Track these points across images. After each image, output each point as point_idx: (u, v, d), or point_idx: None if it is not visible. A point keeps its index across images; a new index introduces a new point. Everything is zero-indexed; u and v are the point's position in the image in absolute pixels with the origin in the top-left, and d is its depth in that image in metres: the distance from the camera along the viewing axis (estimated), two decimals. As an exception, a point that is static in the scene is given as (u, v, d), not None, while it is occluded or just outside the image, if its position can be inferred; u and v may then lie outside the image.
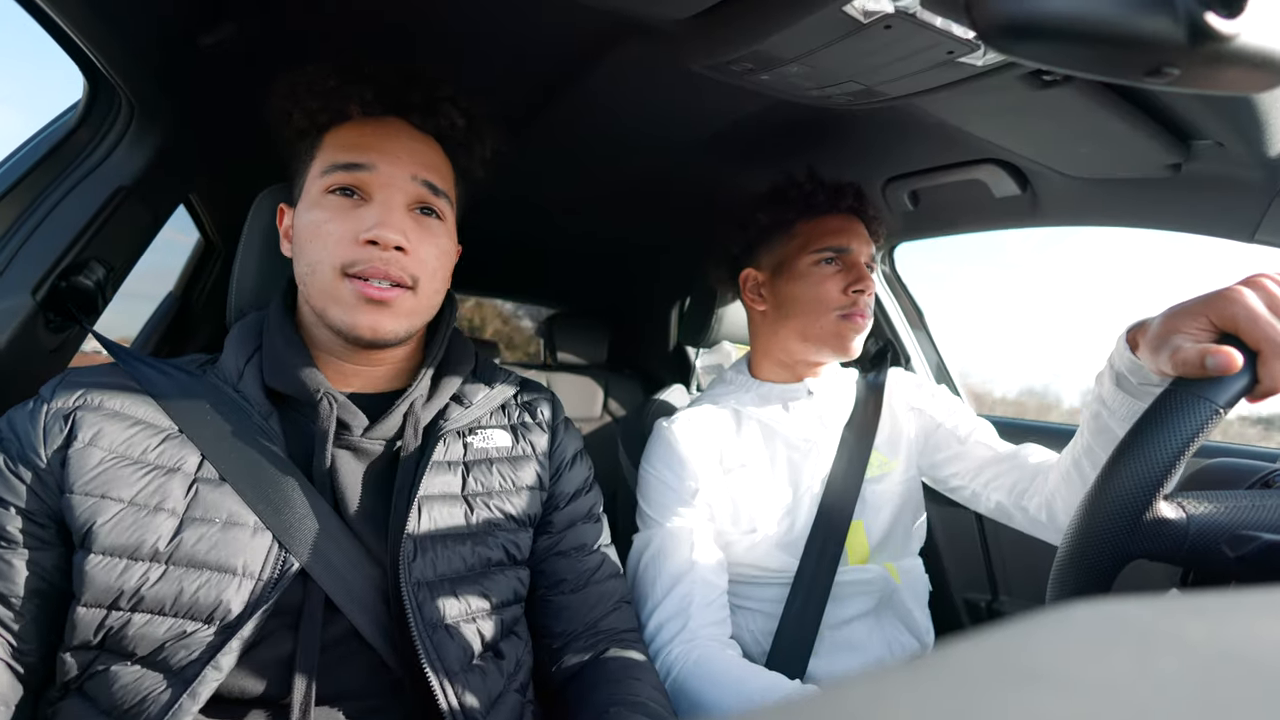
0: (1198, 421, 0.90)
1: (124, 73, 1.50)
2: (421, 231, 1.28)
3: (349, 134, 1.29)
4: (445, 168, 1.37)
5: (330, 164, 1.26)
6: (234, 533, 1.11)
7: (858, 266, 1.78)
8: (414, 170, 1.28)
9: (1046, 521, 1.59)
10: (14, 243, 1.48)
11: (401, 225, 1.23)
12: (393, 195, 1.25)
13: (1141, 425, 0.93)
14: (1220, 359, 0.90)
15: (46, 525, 1.11)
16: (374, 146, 1.27)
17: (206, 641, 1.05)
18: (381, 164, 1.25)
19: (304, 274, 1.25)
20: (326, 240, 1.22)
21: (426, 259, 1.28)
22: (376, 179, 1.25)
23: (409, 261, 1.24)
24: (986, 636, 0.30)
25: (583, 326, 3.62)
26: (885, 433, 1.94)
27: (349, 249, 1.21)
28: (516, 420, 1.49)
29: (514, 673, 1.29)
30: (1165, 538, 0.93)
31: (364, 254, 1.20)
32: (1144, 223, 1.80)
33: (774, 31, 1.22)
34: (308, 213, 1.26)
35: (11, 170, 1.52)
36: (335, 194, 1.25)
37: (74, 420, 1.13)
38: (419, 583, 1.18)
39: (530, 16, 1.41)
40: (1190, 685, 0.25)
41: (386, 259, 1.21)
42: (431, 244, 1.29)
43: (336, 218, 1.23)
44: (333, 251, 1.21)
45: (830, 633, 1.73)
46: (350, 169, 1.24)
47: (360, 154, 1.26)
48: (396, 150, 1.28)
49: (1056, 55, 0.73)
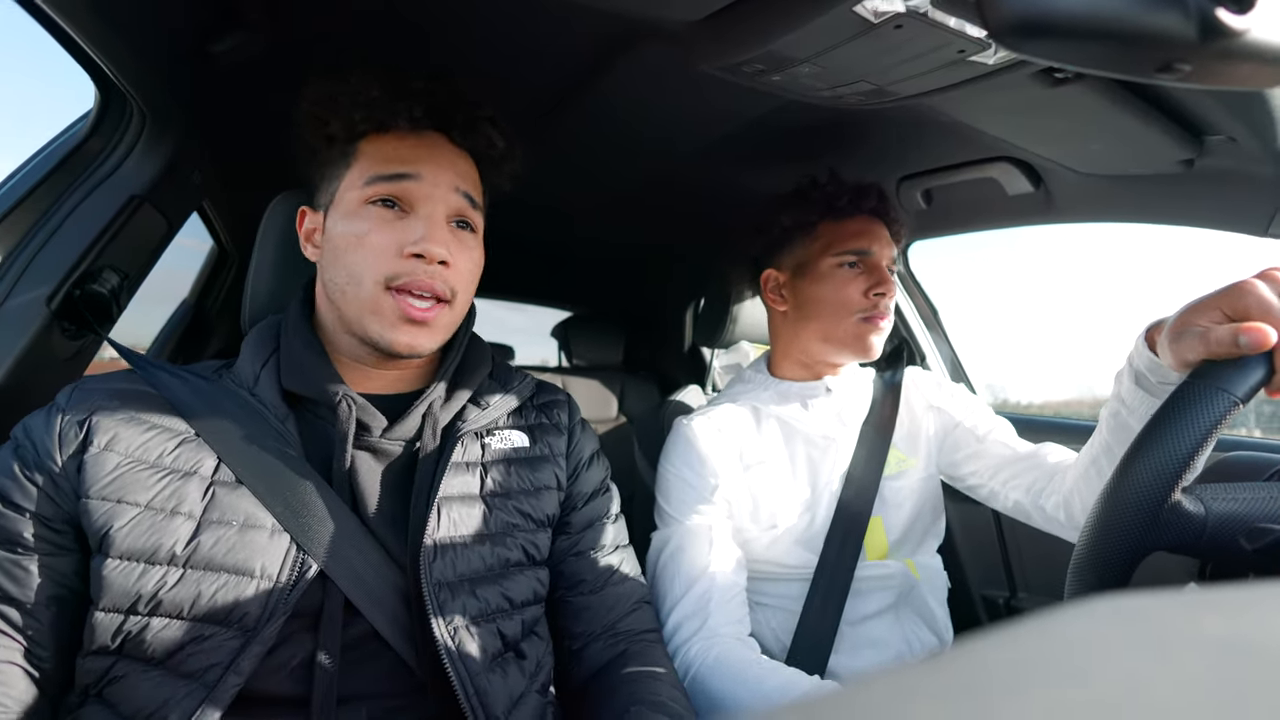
0: (1216, 413, 0.90)
1: (135, 81, 1.50)
2: (459, 245, 1.29)
3: (390, 145, 1.29)
4: (479, 183, 1.38)
5: (373, 174, 1.26)
6: (251, 535, 1.11)
7: (879, 269, 1.78)
8: (456, 182, 1.29)
9: (1064, 520, 1.59)
10: (28, 252, 1.48)
11: (445, 239, 1.24)
12: (435, 208, 1.26)
13: (1160, 417, 0.93)
14: (1254, 336, 0.90)
15: (63, 531, 1.11)
16: (419, 158, 1.28)
17: (226, 645, 1.05)
18: (427, 174, 1.26)
19: (342, 283, 1.25)
20: (369, 251, 1.22)
21: (464, 271, 1.29)
22: (420, 190, 1.26)
23: (450, 275, 1.25)
24: (1005, 633, 0.30)
25: (598, 329, 3.62)
26: (904, 430, 1.94)
27: (393, 262, 1.21)
28: (534, 422, 1.49)
29: (535, 673, 1.29)
30: (1184, 529, 0.93)
31: (408, 267, 1.21)
32: (1157, 219, 1.79)
33: (785, 32, 1.22)
34: (346, 222, 1.26)
35: (24, 180, 1.52)
36: (376, 205, 1.25)
37: (90, 426, 1.13)
38: (440, 583, 1.19)
39: (542, 20, 1.41)
40: (1209, 679, 0.25)
41: (431, 272, 1.22)
42: (468, 257, 1.31)
43: (379, 229, 1.23)
44: (376, 264, 1.22)
45: (850, 629, 1.73)
46: (395, 179, 1.25)
47: (405, 165, 1.26)
48: (440, 162, 1.29)
49: (1068, 53, 0.73)
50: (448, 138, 1.34)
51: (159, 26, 1.39)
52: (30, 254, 1.48)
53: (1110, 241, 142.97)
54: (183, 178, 1.82)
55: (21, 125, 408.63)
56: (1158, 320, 1.15)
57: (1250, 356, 0.91)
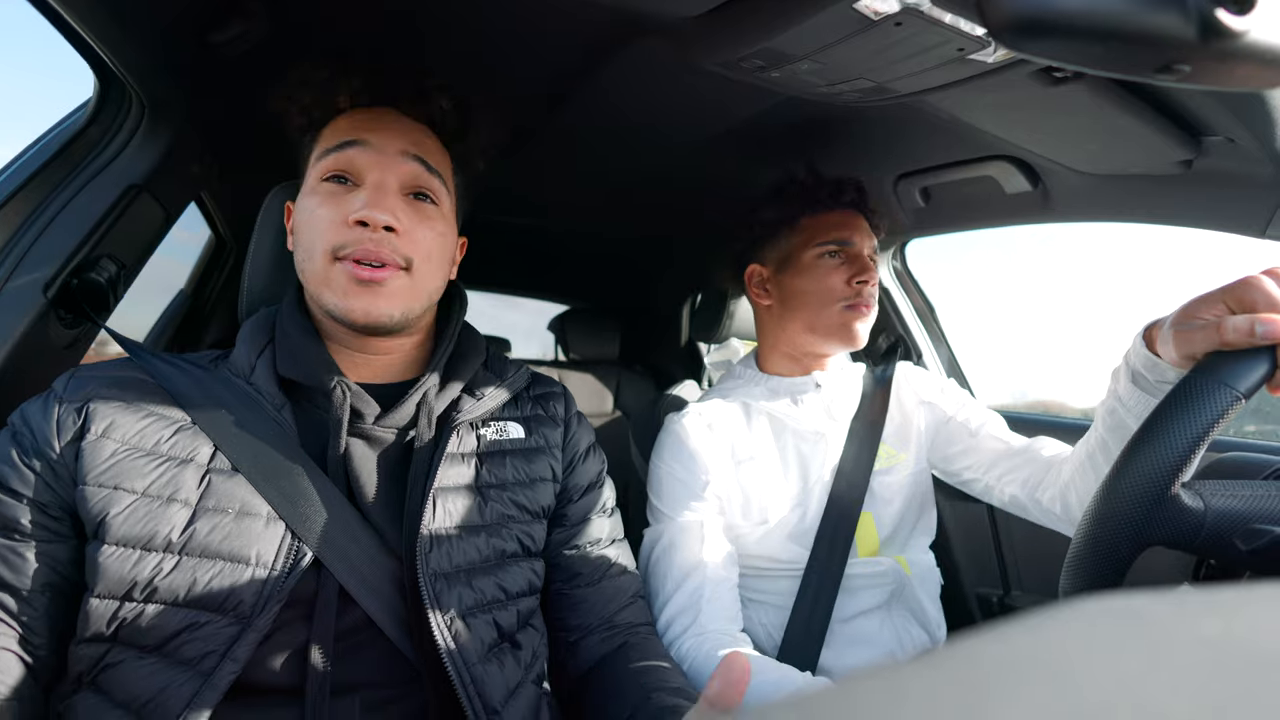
0: (1218, 408, 0.90)
1: (134, 71, 1.50)
2: (415, 215, 1.28)
3: (342, 122, 1.31)
4: (439, 153, 1.37)
5: (323, 149, 1.28)
6: (247, 523, 1.11)
7: (861, 258, 1.80)
8: (404, 146, 1.29)
9: (1061, 513, 1.59)
10: (26, 240, 1.48)
11: (392, 206, 1.24)
12: (384, 177, 1.26)
13: (1162, 410, 0.94)
14: (1272, 326, 0.91)
15: (60, 518, 1.11)
16: (366, 127, 1.29)
17: (222, 633, 1.05)
18: (372, 139, 1.27)
19: (301, 262, 1.27)
20: (318, 225, 1.23)
21: (420, 240, 1.28)
22: (366, 156, 1.26)
23: (401, 242, 1.24)
24: (998, 631, 0.30)
25: (594, 323, 3.62)
26: (894, 425, 1.95)
27: (338, 231, 1.21)
28: (529, 413, 1.50)
29: (531, 664, 1.29)
30: (1182, 524, 0.93)
31: (353, 235, 1.21)
32: (1155, 219, 1.79)
33: (784, 28, 1.22)
34: (303, 201, 1.28)
35: (23, 169, 1.52)
36: (329, 181, 1.26)
37: (87, 413, 1.13)
38: (436, 574, 1.19)
39: (541, 15, 1.41)
40: (1202, 680, 0.25)
41: (377, 239, 1.21)
42: (426, 227, 1.29)
43: (328, 203, 1.24)
44: (323, 235, 1.22)
45: (841, 626, 1.74)
46: (342, 147, 1.26)
47: (352, 134, 1.28)
48: (388, 128, 1.30)
49: (1067, 52, 0.73)
50: (396, 109, 1.35)
51: (159, 16, 1.39)
52: (28, 242, 1.48)
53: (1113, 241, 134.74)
54: (181, 167, 1.81)
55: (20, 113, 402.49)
56: (1155, 319, 1.15)
57: (1254, 352, 0.92)
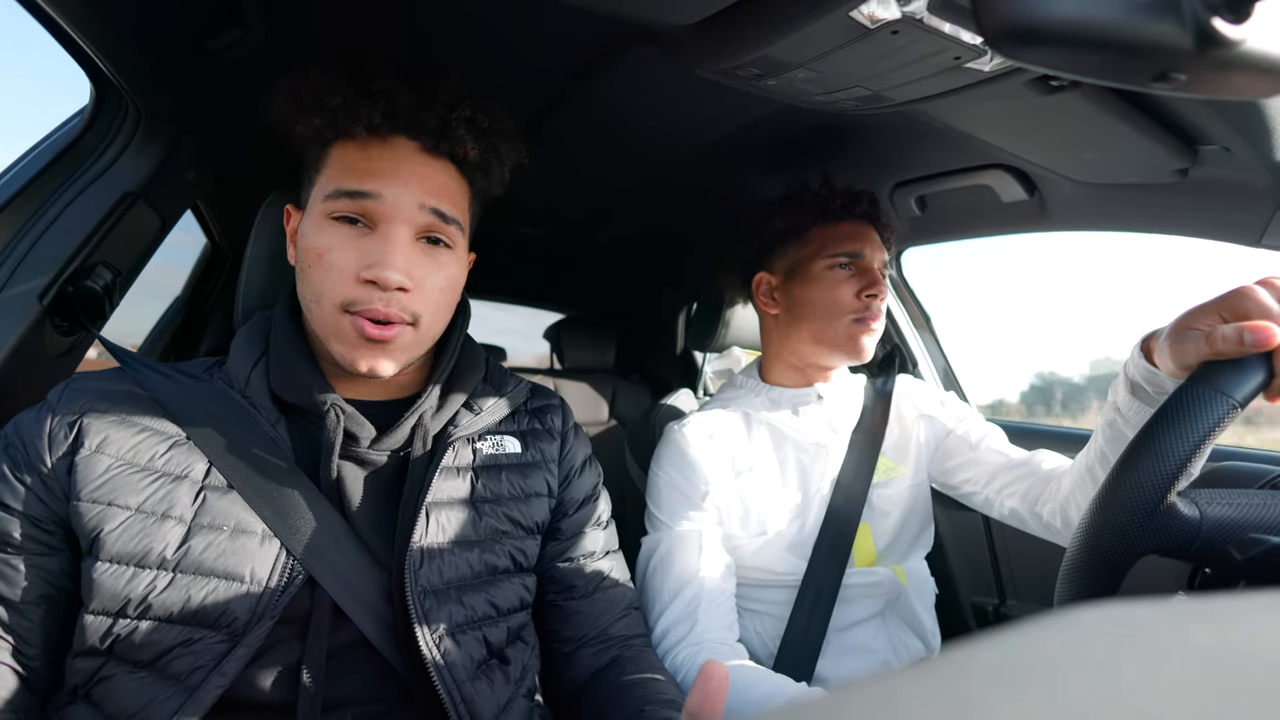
0: (1215, 417, 0.90)
1: (130, 78, 1.50)
2: (428, 263, 1.24)
3: (355, 155, 1.23)
4: (459, 192, 1.30)
5: (335, 189, 1.21)
6: (242, 540, 1.11)
7: (871, 272, 1.80)
8: (422, 198, 1.22)
9: (1061, 527, 1.59)
10: (21, 248, 1.48)
11: (406, 262, 1.19)
12: (397, 228, 1.20)
13: (1158, 419, 0.94)
14: (1260, 334, 0.91)
15: (53, 531, 1.11)
16: (380, 172, 1.21)
17: (213, 649, 1.05)
18: (388, 192, 1.20)
19: (308, 299, 1.23)
20: (328, 272, 1.19)
21: (430, 293, 1.24)
22: (382, 208, 1.20)
23: (410, 300, 1.21)
24: (993, 640, 0.30)
25: (590, 331, 3.62)
26: (893, 438, 1.95)
27: (349, 287, 1.18)
28: (526, 427, 1.49)
29: (521, 678, 1.29)
30: (1178, 532, 0.93)
31: (364, 294, 1.18)
32: (1151, 228, 1.80)
33: (781, 37, 1.22)
34: (312, 234, 1.22)
35: (18, 176, 1.52)
36: (338, 220, 1.20)
37: (80, 427, 1.13)
38: (425, 590, 1.18)
39: (538, 23, 1.41)
40: (1197, 689, 0.25)
41: (387, 299, 1.18)
42: (438, 275, 1.25)
43: (339, 247, 1.19)
44: (334, 287, 1.18)
45: (836, 635, 1.73)
46: (355, 197, 1.19)
47: (366, 180, 1.20)
48: (405, 176, 1.21)
49: (1063, 61, 0.73)
50: (419, 144, 1.25)
51: (155, 23, 1.39)
52: (24, 249, 1.48)
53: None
54: (177, 175, 1.81)
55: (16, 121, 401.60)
56: (1153, 330, 1.16)
57: (1250, 361, 0.92)
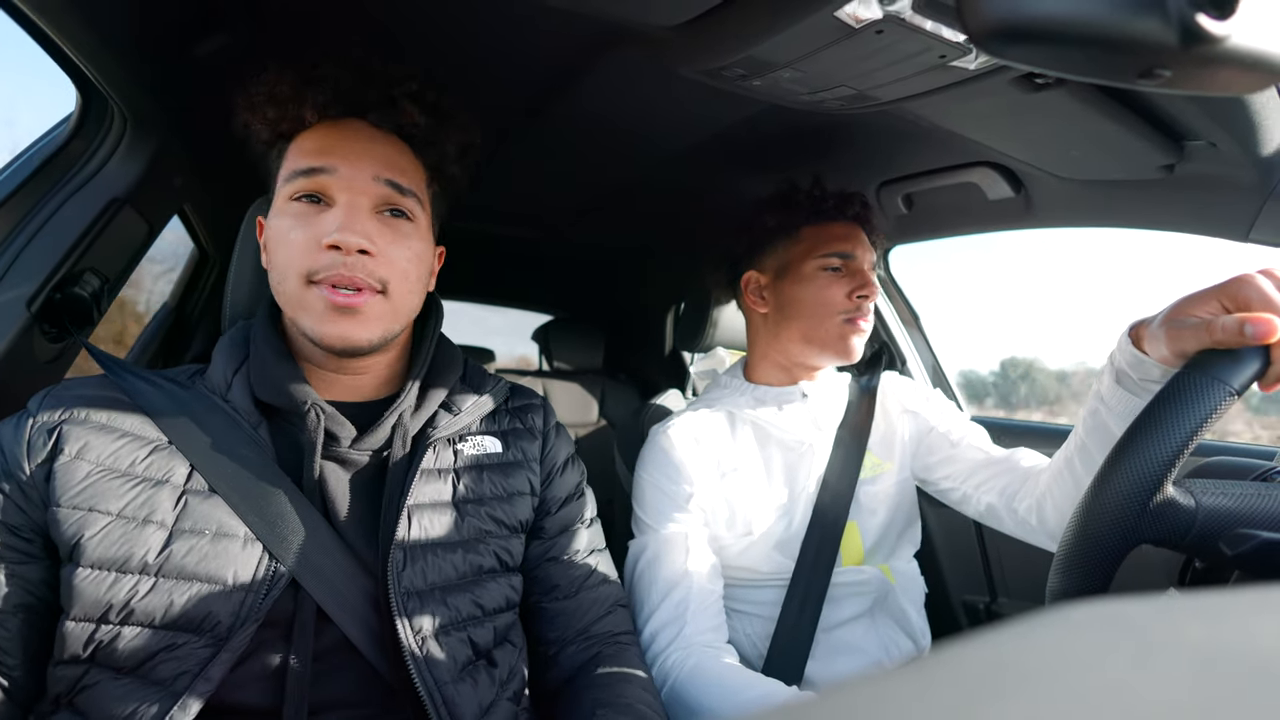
0: (1211, 404, 0.91)
1: (116, 84, 1.49)
2: (390, 233, 1.25)
3: (310, 139, 1.26)
4: (412, 166, 1.32)
5: (292, 171, 1.23)
6: (224, 544, 1.10)
7: (862, 272, 1.80)
8: (375, 170, 1.24)
9: (1036, 524, 1.60)
10: (8, 255, 1.47)
11: (365, 228, 1.20)
12: (355, 198, 1.22)
13: (1155, 406, 0.94)
14: (1261, 326, 0.92)
15: (32, 539, 1.10)
16: (333, 149, 1.24)
17: (197, 653, 1.05)
18: (341, 166, 1.22)
19: (275, 283, 1.24)
20: (291, 248, 1.20)
21: (396, 260, 1.25)
22: (337, 182, 1.22)
23: (375, 265, 1.21)
24: (984, 639, 0.30)
25: (578, 332, 3.62)
26: (879, 434, 1.95)
27: (312, 255, 1.18)
28: (507, 426, 1.49)
29: (507, 680, 1.28)
30: (1173, 521, 0.93)
31: (326, 259, 1.18)
32: (1138, 224, 1.80)
33: (765, 37, 1.23)
34: (274, 220, 1.24)
35: (5, 183, 1.52)
36: (299, 201, 1.22)
37: (60, 434, 1.12)
38: (409, 592, 1.18)
39: (523, 24, 1.41)
40: (1188, 686, 0.25)
41: (351, 264, 1.18)
42: (402, 246, 1.26)
43: (299, 224, 1.20)
44: (297, 259, 1.19)
45: (825, 635, 1.73)
46: (310, 174, 1.22)
47: (319, 158, 1.23)
48: (357, 151, 1.24)
49: (1048, 58, 0.73)
50: (366, 121, 1.29)
51: (140, 29, 1.38)
52: (11, 257, 1.47)
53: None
54: (164, 181, 1.81)
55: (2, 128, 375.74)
56: (1142, 318, 1.16)
57: (1247, 349, 0.93)
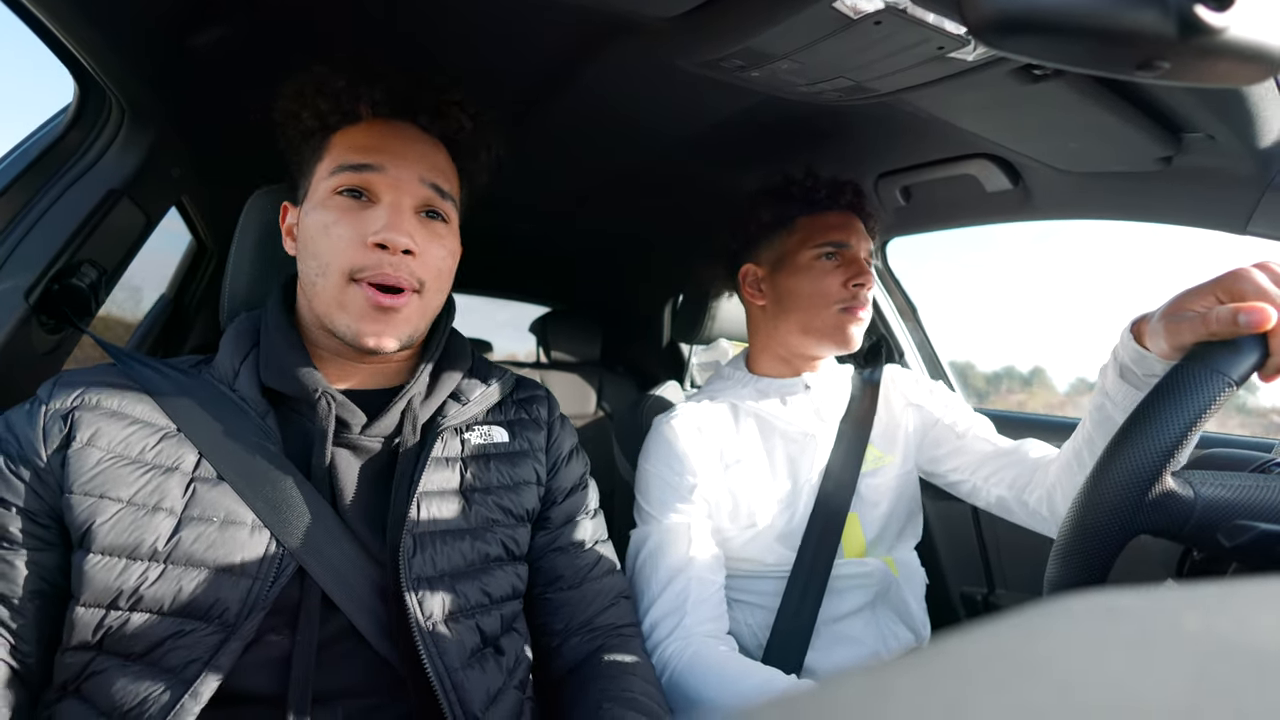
0: (1210, 395, 0.91)
1: (114, 75, 1.49)
2: (428, 235, 1.27)
3: (358, 135, 1.29)
4: (451, 171, 1.36)
5: (339, 164, 1.25)
6: (232, 531, 1.11)
7: (858, 261, 1.79)
8: (422, 173, 1.27)
9: (1047, 515, 1.59)
10: (6, 246, 1.47)
11: (410, 228, 1.22)
12: (401, 198, 1.24)
13: (1154, 398, 0.94)
14: (1255, 315, 0.92)
15: (48, 525, 1.10)
16: (383, 148, 1.26)
17: (206, 640, 1.05)
18: (390, 166, 1.25)
19: (311, 276, 1.24)
20: (335, 243, 1.21)
21: (432, 262, 1.27)
22: (384, 180, 1.24)
23: (417, 265, 1.24)
24: (982, 630, 0.30)
25: (576, 324, 3.62)
26: (881, 427, 1.95)
27: (358, 253, 1.20)
28: (513, 417, 1.49)
29: (514, 668, 1.29)
30: (1172, 512, 0.93)
31: (373, 258, 1.20)
32: (1136, 216, 1.80)
33: (764, 28, 1.22)
34: (314, 213, 1.25)
35: (2, 175, 1.52)
36: (343, 195, 1.24)
37: (73, 420, 1.13)
38: (419, 578, 1.18)
39: (520, 16, 1.40)
40: (1185, 677, 0.25)
41: (395, 263, 1.21)
42: (439, 246, 1.29)
43: (344, 219, 1.22)
44: (341, 255, 1.21)
45: (826, 626, 1.73)
46: (359, 169, 1.24)
47: (369, 155, 1.25)
48: (405, 152, 1.27)
49: (1047, 50, 0.73)
50: (416, 124, 1.33)
51: (138, 20, 1.38)
52: (9, 248, 1.47)
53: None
54: (161, 172, 1.81)
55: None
56: (1144, 314, 1.16)
57: (1245, 341, 0.93)
